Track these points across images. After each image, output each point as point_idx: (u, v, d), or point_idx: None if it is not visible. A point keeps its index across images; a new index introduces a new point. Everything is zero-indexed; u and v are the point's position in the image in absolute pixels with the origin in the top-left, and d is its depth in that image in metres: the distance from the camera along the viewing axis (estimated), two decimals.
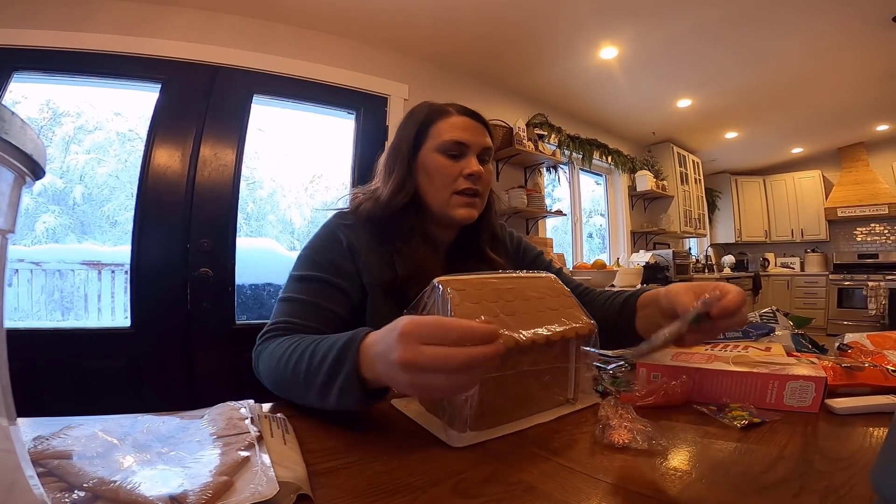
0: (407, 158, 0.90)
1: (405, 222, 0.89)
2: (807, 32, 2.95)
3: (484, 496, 0.40)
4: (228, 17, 2.47)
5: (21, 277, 2.35)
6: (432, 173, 0.88)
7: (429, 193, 0.89)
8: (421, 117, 0.91)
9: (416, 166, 0.90)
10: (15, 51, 2.05)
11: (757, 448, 0.49)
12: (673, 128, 4.93)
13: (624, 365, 0.86)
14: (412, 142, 0.90)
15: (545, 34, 2.98)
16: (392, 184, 0.89)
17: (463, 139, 0.88)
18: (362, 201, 0.92)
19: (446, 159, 0.88)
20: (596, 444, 0.50)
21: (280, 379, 0.65)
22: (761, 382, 0.62)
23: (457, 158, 0.88)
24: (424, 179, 0.89)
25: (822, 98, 4.09)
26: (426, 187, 0.89)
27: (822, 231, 6.09)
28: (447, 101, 0.96)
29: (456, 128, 0.89)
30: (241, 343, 2.30)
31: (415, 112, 0.95)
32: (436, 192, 0.89)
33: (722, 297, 0.63)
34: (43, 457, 0.39)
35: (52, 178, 2.67)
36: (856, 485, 0.40)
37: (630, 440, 0.49)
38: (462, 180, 0.88)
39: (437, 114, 0.91)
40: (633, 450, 0.48)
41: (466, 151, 0.89)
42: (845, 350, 0.81)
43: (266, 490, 0.37)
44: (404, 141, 0.91)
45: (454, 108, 0.92)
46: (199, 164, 2.31)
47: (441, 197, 0.88)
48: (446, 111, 0.91)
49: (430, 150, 0.89)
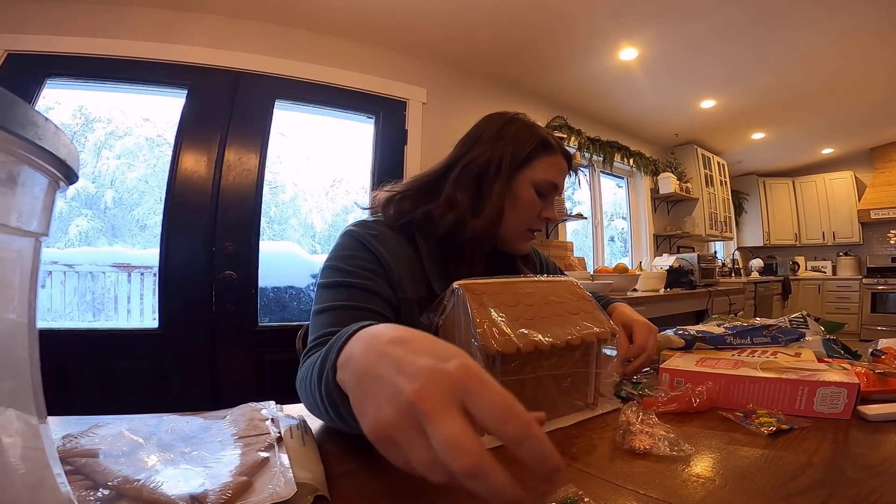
0: (507, 183, 0.83)
1: (477, 248, 0.84)
2: (832, 31, 2.87)
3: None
4: (250, 23, 2.53)
5: (55, 279, 2.43)
6: (520, 205, 0.84)
7: (507, 223, 0.85)
8: (530, 142, 0.85)
9: (506, 190, 0.84)
10: (48, 57, 2.13)
11: (785, 455, 0.47)
12: (696, 129, 4.83)
13: (648, 370, 0.85)
14: (518, 165, 0.84)
15: (563, 36, 2.96)
16: (491, 209, 0.82)
17: (559, 183, 0.88)
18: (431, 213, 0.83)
19: (537, 196, 0.85)
20: (616, 450, 0.50)
21: (305, 398, 0.58)
22: (790, 388, 0.60)
23: (543, 198, 0.87)
24: (509, 207, 0.84)
25: (851, 97, 3.96)
26: (508, 216, 0.84)
27: (855, 234, 5.89)
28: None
29: (557, 169, 0.87)
30: (263, 345, 2.35)
31: (517, 128, 0.87)
32: (515, 224, 0.86)
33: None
34: (71, 455, 0.40)
35: (85, 182, 2.76)
36: (886, 492, 0.39)
37: (651, 446, 0.48)
38: (538, 220, 0.87)
39: (546, 146, 0.86)
40: (654, 456, 0.47)
41: (552, 194, 0.88)
42: (879, 356, 0.78)
43: (284, 491, 0.37)
44: (508, 161, 0.83)
45: (558, 146, 0.88)
46: (224, 168, 2.36)
47: (517, 230, 0.86)
48: (553, 147, 0.87)
49: (527, 181, 0.84)
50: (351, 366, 0.39)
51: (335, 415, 0.47)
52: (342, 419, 0.46)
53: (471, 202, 0.82)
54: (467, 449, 0.28)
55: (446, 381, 0.31)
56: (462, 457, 0.28)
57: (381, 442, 0.33)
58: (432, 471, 0.30)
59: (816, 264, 6.30)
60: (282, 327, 2.43)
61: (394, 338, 0.37)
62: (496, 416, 0.30)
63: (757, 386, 0.62)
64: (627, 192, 5.00)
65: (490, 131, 0.86)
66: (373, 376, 0.35)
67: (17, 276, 0.24)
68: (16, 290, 0.24)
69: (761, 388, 0.61)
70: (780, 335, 0.87)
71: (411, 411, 0.30)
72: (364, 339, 0.40)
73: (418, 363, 0.33)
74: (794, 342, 0.86)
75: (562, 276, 0.72)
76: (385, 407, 0.32)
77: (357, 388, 0.37)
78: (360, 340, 0.41)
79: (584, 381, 0.63)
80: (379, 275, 0.76)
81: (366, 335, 0.40)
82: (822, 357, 0.76)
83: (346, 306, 0.71)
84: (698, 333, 0.88)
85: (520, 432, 0.30)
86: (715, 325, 0.97)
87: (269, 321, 2.54)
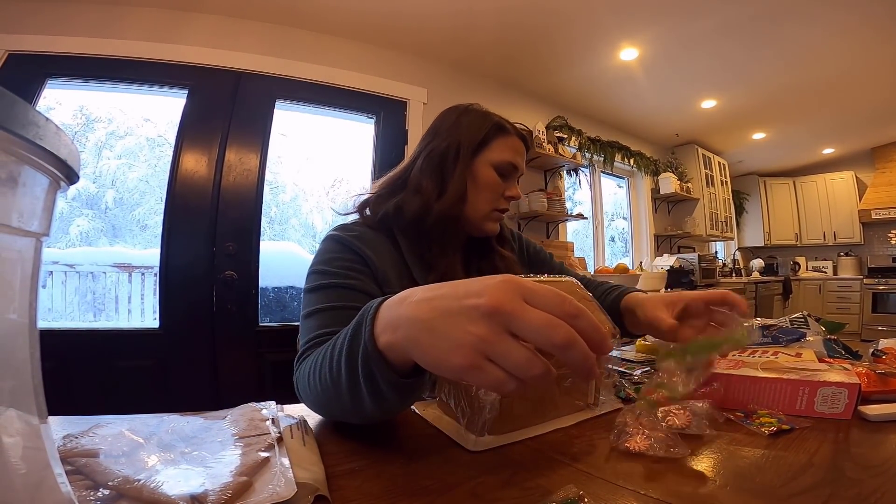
0: (467, 165, 0.88)
1: (447, 230, 0.87)
2: (834, 29, 2.86)
3: (501, 500, 0.40)
4: (250, 23, 2.53)
5: (55, 279, 2.43)
6: (482, 186, 0.89)
7: (471, 203, 0.89)
8: (485, 126, 0.90)
9: (467, 173, 0.89)
10: (49, 57, 2.14)
11: (785, 455, 0.47)
12: (697, 129, 4.83)
13: (650, 370, 0.84)
14: (475, 148, 0.89)
15: (563, 37, 2.96)
16: (453, 190, 0.87)
17: (518, 163, 0.92)
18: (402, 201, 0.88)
19: (497, 177, 0.90)
20: (617, 450, 0.50)
21: (316, 399, 0.57)
22: (791, 389, 0.60)
23: (504, 178, 0.91)
24: (471, 188, 0.89)
25: (853, 97, 3.96)
26: (471, 196, 0.89)
27: (856, 234, 5.88)
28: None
29: (514, 150, 0.92)
30: (263, 345, 2.35)
31: (473, 116, 0.93)
32: (479, 205, 0.90)
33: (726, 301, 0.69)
34: (71, 455, 0.40)
35: (86, 182, 2.76)
36: (887, 492, 0.39)
37: (646, 447, 0.48)
38: (503, 200, 0.92)
39: (501, 129, 0.92)
40: (654, 456, 0.47)
41: (513, 174, 0.93)
42: (880, 356, 0.78)
43: (284, 491, 0.37)
44: (465, 145, 0.88)
45: (513, 129, 0.93)
46: (225, 168, 2.36)
47: (482, 210, 0.90)
48: (507, 129, 0.92)
49: (486, 163, 0.89)
50: (403, 324, 0.40)
51: (370, 390, 0.45)
52: (377, 394, 0.45)
53: (434, 186, 0.87)
54: (560, 324, 0.35)
55: (507, 286, 0.36)
56: (559, 330, 0.34)
57: (470, 368, 0.36)
58: (529, 366, 0.35)
59: (817, 264, 6.29)
60: (282, 327, 2.43)
61: (430, 287, 0.41)
62: (552, 305, 0.36)
63: (758, 386, 0.61)
64: (628, 192, 5.00)
65: (448, 122, 0.93)
66: (440, 315, 0.37)
67: (18, 277, 0.24)
68: (16, 291, 0.24)
69: (762, 388, 0.61)
70: (780, 335, 0.86)
71: (494, 318, 0.35)
72: (400, 302, 0.42)
73: (475, 285, 0.37)
74: (795, 342, 0.85)
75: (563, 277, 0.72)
76: (469, 330, 0.35)
77: (426, 334, 0.38)
78: (394, 305, 0.42)
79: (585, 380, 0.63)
80: (365, 274, 0.79)
81: (397, 300, 0.42)
82: (822, 357, 0.76)
83: (336, 307, 0.71)
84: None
85: (574, 308, 0.36)
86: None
87: (270, 321, 2.54)
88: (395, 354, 0.42)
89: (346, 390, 0.47)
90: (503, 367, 0.35)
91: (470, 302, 0.36)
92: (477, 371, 0.35)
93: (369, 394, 0.45)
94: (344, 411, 0.52)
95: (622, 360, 0.97)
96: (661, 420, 0.51)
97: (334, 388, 0.49)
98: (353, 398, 0.47)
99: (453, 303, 0.37)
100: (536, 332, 0.34)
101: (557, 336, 0.34)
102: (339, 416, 0.56)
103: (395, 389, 0.44)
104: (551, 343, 0.34)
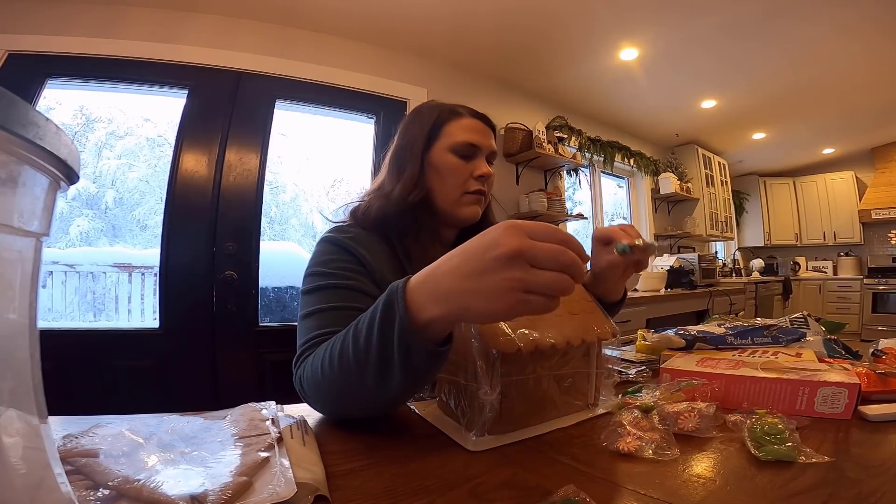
0: (420, 156, 0.90)
1: (416, 220, 0.89)
2: (834, 28, 2.85)
3: (500, 500, 0.40)
4: (250, 22, 2.53)
5: (55, 279, 2.43)
6: (444, 172, 0.90)
7: (439, 192, 0.91)
8: (433, 116, 0.92)
9: (426, 164, 0.91)
10: (49, 57, 2.13)
11: None
12: (697, 129, 4.83)
13: (645, 370, 0.85)
14: (425, 139, 0.91)
15: (563, 38, 2.95)
16: (406, 180, 0.89)
17: (476, 141, 0.91)
18: (370, 203, 0.92)
19: (458, 160, 0.90)
20: (616, 451, 0.50)
21: (329, 388, 0.57)
22: (791, 389, 0.60)
23: (468, 160, 0.91)
24: (435, 178, 0.90)
25: (853, 97, 3.95)
26: (436, 186, 0.90)
27: (856, 234, 5.88)
28: (468, 104, 0.97)
29: (469, 129, 0.91)
30: (263, 345, 2.34)
31: (424, 110, 0.95)
32: (447, 192, 0.91)
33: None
34: (71, 455, 0.40)
35: (86, 182, 2.76)
36: (887, 492, 0.39)
37: (636, 448, 0.48)
38: (472, 181, 0.91)
39: (449, 114, 0.92)
40: (654, 457, 0.47)
41: (477, 153, 0.92)
42: (880, 356, 0.78)
43: (284, 491, 0.37)
44: (417, 138, 0.91)
45: (465, 111, 0.94)
46: (225, 168, 2.36)
47: (451, 196, 0.91)
48: (458, 112, 0.93)
49: (443, 150, 0.90)
50: (451, 297, 0.45)
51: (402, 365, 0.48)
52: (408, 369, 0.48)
53: (395, 183, 0.91)
54: (563, 249, 0.42)
55: (513, 230, 0.42)
56: (565, 254, 0.42)
57: (518, 305, 0.42)
58: (560, 281, 0.42)
59: (817, 264, 6.30)
60: (282, 327, 2.42)
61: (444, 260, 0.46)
62: (550, 235, 0.43)
63: (758, 386, 0.61)
64: (628, 192, 5.00)
65: (405, 122, 0.97)
66: (476, 277, 0.43)
67: (18, 277, 0.24)
68: (17, 291, 0.24)
69: (762, 388, 0.61)
70: (780, 335, 0.86)
71: (517, 259, 0.41)
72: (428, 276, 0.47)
73: (486, 239, 0.43)
74: (795, 342, 0.85)
75: None
76: (504, 276, 0.41)
77: (474, 298, 0.43)
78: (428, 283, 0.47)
79: (585, 381, 0.63)
80: (362, 274, 0.79)
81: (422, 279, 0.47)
82: (822, 357, 0.76)
83: (335, 307, 0.72)
84: (699, 333, 0.88)
85: (564, 234, 0.44)
86: (716, 326, 0.96)
87: (270, 321, 2.54)
88: (438, 326, 0.47)
89: (374, 370, 0.50)
90: (540, 293, 0.42)
91: (493, 254, 0.42)
92: (525, 304, 0.42)
93: (401, 369, 0.48)
94: (360, 396, 0.54)
95: (622, 360, 0.97)
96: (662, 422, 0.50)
97: (357, 370, 0.51)
98: (381, 376, 0.50)
99: (479, 262, 0.43)
100: (550, 258, 0.42)
101: (565, 258, 0.42)
102: (352, 403, 0.56)
103: (433, 359, 0.48)
104: (562, 264, 0.42)
